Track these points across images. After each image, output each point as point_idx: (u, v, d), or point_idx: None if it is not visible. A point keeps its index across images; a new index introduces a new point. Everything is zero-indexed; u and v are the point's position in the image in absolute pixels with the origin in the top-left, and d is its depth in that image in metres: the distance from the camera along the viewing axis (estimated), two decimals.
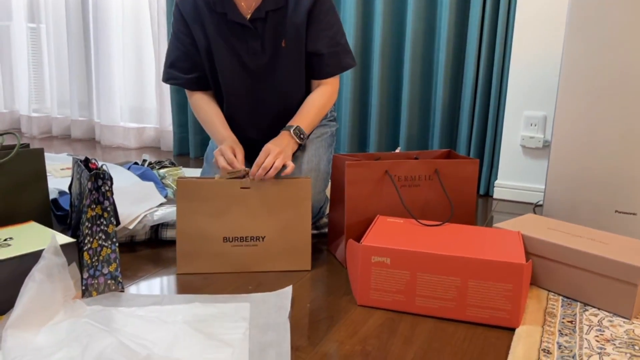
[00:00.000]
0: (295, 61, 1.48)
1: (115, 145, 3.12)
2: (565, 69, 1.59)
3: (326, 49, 1.47)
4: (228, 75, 1.49)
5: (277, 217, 1.31)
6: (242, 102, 1.53)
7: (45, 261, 1.03)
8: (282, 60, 1.47)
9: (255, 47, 1.46)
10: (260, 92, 1.52)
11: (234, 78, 1.49)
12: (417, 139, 2.31)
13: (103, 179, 1.14)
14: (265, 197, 1.30)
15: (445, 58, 2.17)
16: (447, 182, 1.41)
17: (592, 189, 1.60)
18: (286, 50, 1.46)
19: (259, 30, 1.44)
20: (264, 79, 1.50)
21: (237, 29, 1.44)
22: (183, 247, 1.29)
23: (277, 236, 1.32)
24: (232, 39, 1.45)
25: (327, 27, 1.46)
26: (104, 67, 3.05)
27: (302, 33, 1.45)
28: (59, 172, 1.90)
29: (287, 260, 1.33)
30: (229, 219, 1.29)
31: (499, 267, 1.06)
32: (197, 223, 1.28)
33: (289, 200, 1.31)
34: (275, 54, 1.47)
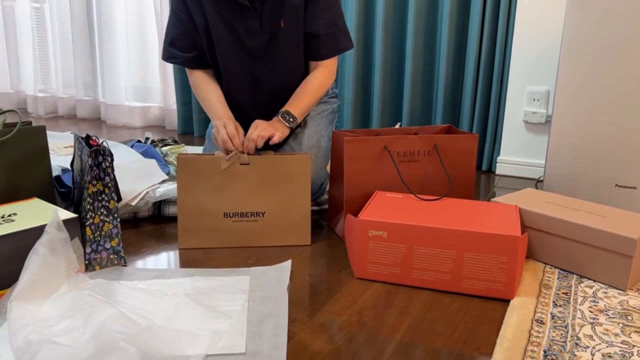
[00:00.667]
0: (294, 41, 1.48)
1: (120, 124, 3.14)
2: (566, 43, 1.57)
3: (323, 30, 1.46)
4: (226, 54, 1.49)
5: (277, 193, 1.32)
6: (240, 81, 1.53)
7: (48, 235, 1.05)
8: (281, 40, 1.47)
9: (253, 26, 1.45)
10: (258, 71, 1.51)
11: (232, 57, 1.49)
12: (419, 114, 2.31)
13: (103, 155, 1.16)
14: (265, 173, 1.31)
15: (448, 33, 2.15)
16: (446, 157, 1.41)
17: (592, 163, 1.60)
18: (285, 30, 1.46)
19: (257, 10, 1.43)
20: (263, 58, 1.50)
21: (235, 8, 1.43)
22: (184, 222, 1.31)
23: (277, 212, 1.33)
24: (230, 19, 1.44)
25: (324, 7, 1.45)
26: (107, 46, 3.05)
27: (301, 13, 1.45)
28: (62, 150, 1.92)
29: (287, 235, 1.35)
30: (229, 194, 1.31)
31: (495, 239, 1.07)
32: (198, 199, 1.30)
33: (288, 176, 1.32)
34: (274, 34, 1.46)
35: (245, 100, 1.55)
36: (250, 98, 1.55)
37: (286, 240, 1.35)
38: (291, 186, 1.33)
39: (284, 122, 1.40)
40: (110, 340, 0.83)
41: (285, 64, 1.50)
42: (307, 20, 1.46)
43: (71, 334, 0.87)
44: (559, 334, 0.94)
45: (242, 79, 1.52)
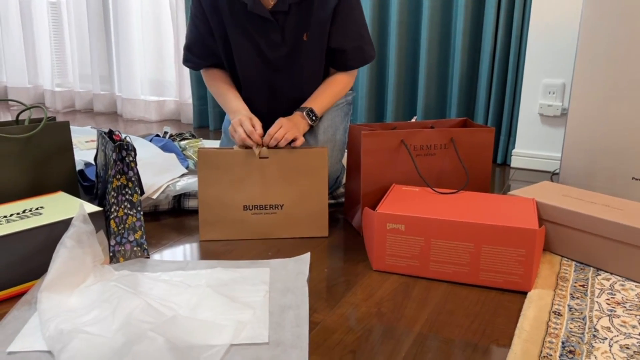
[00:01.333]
0: (316, 55, 1.49)
1: (136, 118, 3.17)
2: (583, 35, 1.57)
3: (350, 44, 1.48)
4: (246, 65, 1.50)
5: (295, 186, 1.35)
6: (259, 90, 1.54)
7: (74, 228, 1.08)
8: (303, 53, 1.48)
9: (275, 39, 1.45)
10: (277, 82, 1.53)
11: (252, 67, 1.50)
12: (434, 108, 2.31)
13: (127, 150, 1.19)
14: (283, 166, 1.33)
15: (463, 26, 2.15)
16: (463, 151, 1.42)
17: (608, 156, 1.60)
18: (307, 44, 1.46)
19: (280, 22, 1.43)
20: (282, 69, 1.51)
21: (257, 20, 1.43)
22: (205, 215, 1.33)
23: (295, 204, 1.36)
24: (251, 30, 1.44)
25: (351, 21, 1.46)
26: (123, 41, 3.08)
27: (326, 28, 1.45)
28: (84, 145, 1.96)
29: (305, 227, 1.37)
30: (249, 187, 1.33)
31: (512, 232, 1.08)
32: (218, 192, 1.32)
33: (306, 169, 1.34)
34: (295, 47, 1.47)
35: (262, 108, 1.56)
36: (268, 107, 1.57)
37: (304, 232, 1.37)
38: (309, 179, 1.35)
39: (307, 120, 1.43)
40: (139, 330, 0.86)
41: (305, 75, 1.52)
42: (334, 34, 1.47)
43: (100, 324, 0.90)
44: (576, 325, 0.96)
45: (261, 88, 1.54)
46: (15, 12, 3.58)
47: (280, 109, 1.56)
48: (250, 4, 1.40)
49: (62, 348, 0.84)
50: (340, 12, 1.45)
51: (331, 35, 1.47)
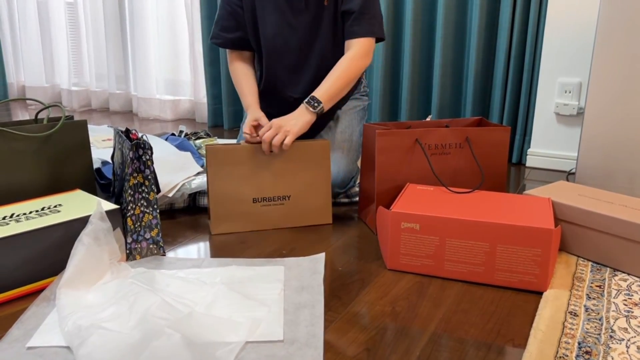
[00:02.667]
0: (336, 19, 1.52)
1: (152, 117, 3.20)
2: (600, 34, 1.55)
3: (358, 8, 1.47)
4: (271, 34, 1.53)
5: (301, 177, 1.41)
6: (283, 61, 1.58)
7: (92, 226, 1.10)
8: (324, 18, 1.51)
9: (299, 5, 1.50)
10: (302, 50, 1.56)
11: (277, 37, 1.54)
12: (449, 107, 2.30)
13: (144, 149, 1.20)
14: (289, 159, 1.40)
15: (478, 24, 2.14)
16: (478, 150, 1.42)
17: (626, 156, 1.58)
18: (327, 9, 1.50)
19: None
20: (307, 37, 1.54)
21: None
22: (216, 209, 1.37)
23: (301, 194, 1.42)
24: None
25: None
26: (139, 40, 3.11)
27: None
28: (100, 143, 1.98)
29: (311, 216, 1.45)
30: (257, 181, 1.38)
31: (528, 232, 1.08)
32: (228, 187, 1.37)
33: (310, 161, 1.41)
34: (318, 13, 1.51)
35: (286, 79, 1.59)
36: (291, 77, 1.59)
37: (310, 221, 1.45)
38: (313, 170, 1.42)
39: (309, 108, 1.42)
40: (155, 326, 0.87)
41: (327, 42, 1.54)
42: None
43: (118, 320, 0.91)
44: (593, 326, 0.95)
45: (285, 57, 1.56)
46: (33, 13, 3.62)
47: (303, 82, 1.60)
48: None
49: (80, 343, 0.85)
50: None
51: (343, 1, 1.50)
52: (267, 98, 1.62)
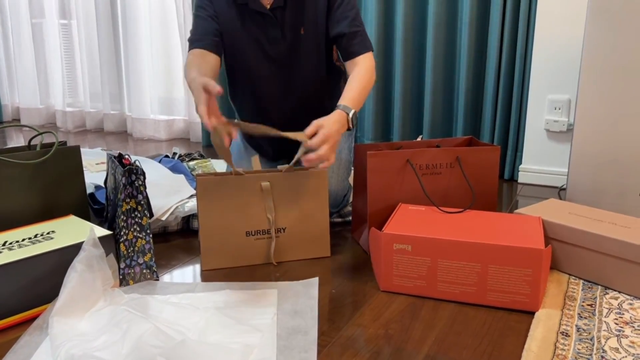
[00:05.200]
0: (314, 47, 1.52)
1: (146, 137, 3.21)
2: (587, 51, 1.58)
3: (349, 29, 1.47)
4: (251, 63, 1.53)
5: (296, 208, 1.35)
6: (264, 89, 1.57)
7: (85, 252, 1.10)
8: (301, 47, 1.51)
9: (275, 35, 1.49)
10: (282, 78, 1.55)
11: (257, 65, 1.53)
12: (441, 125, 2.32)
13: (136, 174, 1.21)
14: (284, 190, 1.33)
15: (468, 43, 2.16)
16: (469, 170, 1.43)
17: (615, 172, 1.60)
18: (304, 37, 1.50)
19: (278, 18, 1.48)
20: (285, 65, 1.54)
21: (257, 18, 1.48)
22: (207, 243, 1.31)
23: (297, 226, 1.36)
24: (253, 28, 1.49)
25: (346, 10, 1.47)
26: (133, 60, 3.13)
27: (322, 20, 1.48)
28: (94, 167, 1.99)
29: (307, 248, 1.38)
30: (250, 213, 1.32)
31: (519, 252, 1.09)
32: (219, 220, 1.30)
33: (306, 191, 1.34)
34: (294, 42, 1.51)
35: (269, 105, 1.59)
36: (276, 103, 1.59)
37: (307, 254, 1.38)
38: (310, 201, 1.35)
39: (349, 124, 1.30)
40: (148, 354, 0.87)
41: (307, 69, 1.54)
42: (331, 24, 1.49)
43: (110, 348, 0.91)
44: (584, 346, 0.95)
45: (267, 85, 1.56)
46: (27, 34, 3.64)
47: (287, 108, 1.59)
48: (250, 2, 1.45)
49: None
50: (334, 3, 1.47)
51: (329, 27, 1.49)
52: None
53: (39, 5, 3.56)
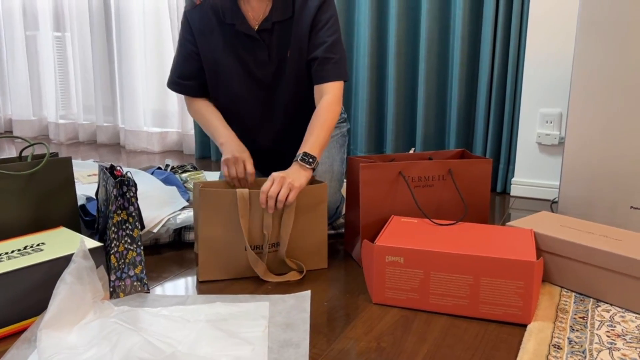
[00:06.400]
0: (299, 70, 1.51)
1: (139, 149, 3.20)
2: (577, 66, 1.60)
3: (324, 54, 1.46)
4: (237, 85, 1.52)
5: (296, 222, 1.34)
6: (250, 110, 1.56)
7: (75, 264, 1.09)
8: (288, 69, 1.51)
9: (262, 57, 1.49)
10: (268, 100, 1.55)
11: (242, 87, 1.53)
12: (433, 137, 2.33)
13: (128, 186, 1.20)
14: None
15: (460, 56, 2.18)
16: (461, 182, 1.43)
17: (606, 185, 1.61)
18: (290, 60, 1.50)
19: (265, 41, 1.48)
20: (271, 87, 1.54)
21: (245, 39, 1.48)
22: (204, 256, 1.30)
23: (295, 240, 1.35)
24: (240, 50, 1.49)
25: (326, 34, 1.46)
26: (127, 73, 3.14)
27: (305, 42, 1.48)
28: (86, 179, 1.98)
29: (305, 261, 1.37)
30: (249, 227, 1.30)
31: (510, 264, 1.09)
32: (218, 232, 1.29)
33: (306, 205, 1.34)
34: (280, 64, 1.50)
35: (255, 128, 1.59)
36: (260, 126, 1.59)
37: (304, 266, 1.37)
38: (309, 214, 1.35)
39: (305, 165, 1.34)
40: None
41: (293, 92, 1.54)
42: (310, 47, 1.48)
43: None
44: (576, 359, 0.95)
45: (252, 107, 1.56)
46: (21, 46, 3.64)
47: (272, 131, 1.59)
48: (238, 24, 1.46)
49: None
50: (315, 27, 1.47)
51: (308, 49, 1.49)
52: None
53: (33, 17, 3.57)
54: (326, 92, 1.46)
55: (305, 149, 1.37)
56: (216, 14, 1.48)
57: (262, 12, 1.47)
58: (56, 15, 3.48)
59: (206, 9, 1.49)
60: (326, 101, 1.45)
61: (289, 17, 1.47)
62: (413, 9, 2.29)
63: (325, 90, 1.46)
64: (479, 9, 2.17)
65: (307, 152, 1.36)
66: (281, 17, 1.46)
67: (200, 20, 1.49)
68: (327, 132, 1.42)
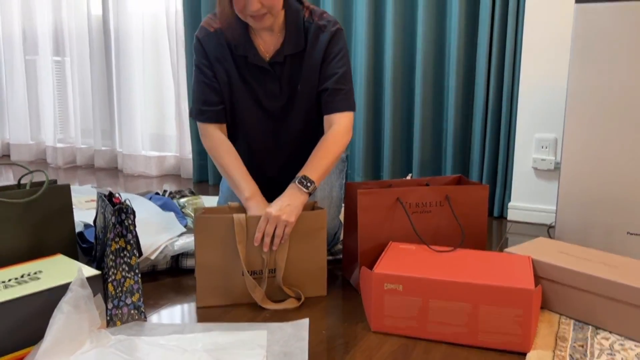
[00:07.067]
0: (309, 102, 1.52)
1: (137, 173, 3.21)
2: (571, 92, 1.62)
3: (334, 85, 1.48)
4: (247, 115, 1.53)
5: (294, 249, 1.34)
6: (260, 141, 1.57)
7: (72, 293, 1.08)
8: (298, 102, 1.52)
9: (273, 89, 1.50)
10: (277, 131, 1.56)
11: (253, 118, 1.53)
12: (430, 162, 2.34)
13: (126, 213, 1.20)
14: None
15: (456, 83, 2.21)
16: (458, 208, 1.44)
17: (603, 210, 1.62)
18: (301, 93, 1.51)
19: (277, 73, 1.49)
20: (281, 119, 1.54)
21: (256, 71, 1.49)
22: (203, 281, 1.31)
23: (294, 266, 1.35)
24: (251, 81, 1.50)
25: (336, 66, 1.48)
26: (125, 97, 3.16)
27: (316, 75, 1.49)
28: (84, 204, 1.98)
29: (304, 287, 1.37)
30: (248, 253, 1.31)
31: (509, 292, 1.09)
32: (217, 259, 1.30)
33: (305, 232, 1.34)
34: (291, 96, 1.51)
35: (264, 158, 1.59)
36: (270, 156, 1.59)
37: (303, 293, 1.36)
38: (308, 241, 1.35)
39: (302, 188, 1.35)
40: None
41: (303, 124, 1.54)
42: (321, 79, 1.50)
43: None
44: None
45: (262, 138, 1.56)
46: (20, 70, 3.67)
47: (281, 161, 1.60)
48: (250, 56, 1.46)
49: None
50: (326, 59, 1.48)
51: (319, 81, 1.51)
52: None
53: (33, 42, 3.60)
54: (336, 122, 1.48)
55: (305, 172, 1.38)
56: (228, 45, 1.48)
57: (273, 44, 1.48)
58: (56, 40, 3.51)
59: (220, 38, 1.48)
60: (335, 130, 1.46)
61: (301, 51, 1.47)
62: (408, 35, 2.33)
63: (335, 120, 1.48)
64: (473, 35, 2.20)
65: (306, 175, 1.37)
66: (294, 50, 1.47)
67: (216, 47, 1.48)
68: (330, 160, 1.43)
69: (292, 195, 1.34)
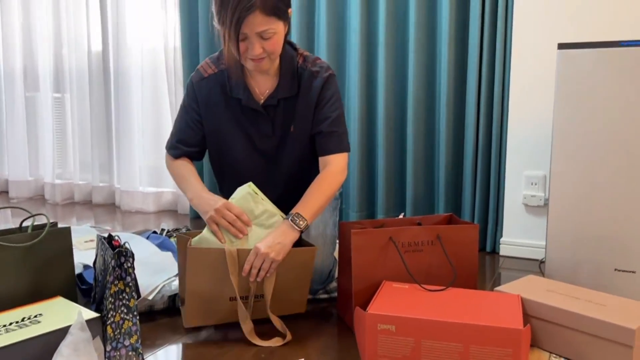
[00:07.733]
0: (303, 145, 1.58)
1: (134, 209, 3.24)
2: (556, 132, 1.67)
3: (328, 128, 1.53)
4: (239, 155, 1.58)
5: (281, 278, 1.42)
6: (252, 178, 1.61)
7: (72, 337, 1.11)
8: (290, 144, 1.57)
9: (266, 130, 1.56)
10: (270, 169, 1.61)
11: (246, 157, 1.58)
12: (423, 199, 2.39)
13: (125, 257, 1.24)
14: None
15: (446, 123, 2.27)
16: (449, 247, 1.48)
17: (591, 247, 1.65)
18: (294, 135, 1.56)
19: (270, 115, 1.54)
20: (273, 160, 1.60)
21: (250, 113, 1.54)
22: (191, 306, 1.40)
23: (279, 292, 1.44)
24: (244, 122, 1.55)
25: (330, 110, 1.54)
26: (124, 132, 3.21)
27: (310, 118, 1.55)
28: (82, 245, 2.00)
29: (285, 307, 1.48)
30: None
31: (498, 332, 1.12)
32: (205, 286, 1.38)
33: (293, 265, 1.42)
34: (284, 138, 1.57)
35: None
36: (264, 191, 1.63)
37: (285, 311, 1.48)
38: (296, 272, 1.44)
39: (294, 226, 1.39)
40: None
41: (295, 165, 1.59)
42: (315, 122, 1.55)
43: None
44: None
45: (255, 175, 1.61)
46: (20, 107, 3.72)
47: (274, 194, 1.63)
48: (244, 99, 1.52)
49: None
50: (319, 103, 1.54)
51: (312, 124, 1.56)
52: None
53: (34, 79, 3.66)
54: (330, 163, 1.53)
55: (299, 210, 1.42)
56: (222, 88, 1.54)
57: (267, 87, 1.54)
58: (56, 77, 3.57)
59: (213, 82, 1.55)
60: (330, 170, 1.52)
61: (294, 95, 1.53)
62: (401, 77, 2.40)
63: (330, 160, 1.53)
64: (463, 78, 2.28)
65: (299, 213, 1.41)
66: (287, 94, 1.53)
67: (207, 93, 1.55)
68: (324, 199, 1.47)
69: (283, 232, 1.39)
